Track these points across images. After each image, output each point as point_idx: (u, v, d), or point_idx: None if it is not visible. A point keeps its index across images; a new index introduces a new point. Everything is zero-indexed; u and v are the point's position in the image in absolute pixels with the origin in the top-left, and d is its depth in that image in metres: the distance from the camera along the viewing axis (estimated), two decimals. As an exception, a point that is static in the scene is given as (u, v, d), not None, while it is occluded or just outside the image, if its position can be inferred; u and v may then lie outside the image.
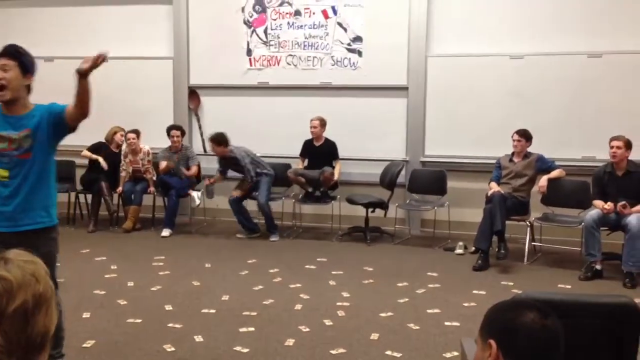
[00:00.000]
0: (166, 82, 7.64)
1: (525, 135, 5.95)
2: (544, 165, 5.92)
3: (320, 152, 6.90)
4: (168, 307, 4.42)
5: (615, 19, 6.40)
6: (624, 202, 5.17)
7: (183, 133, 7.15)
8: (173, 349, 3.68)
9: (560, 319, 2.13)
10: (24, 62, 2.85)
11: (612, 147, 5.33)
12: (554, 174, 5.87)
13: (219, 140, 6.68)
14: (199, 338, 3.84)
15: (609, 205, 5.24)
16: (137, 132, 7.10)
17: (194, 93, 7.65)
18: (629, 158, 5.36)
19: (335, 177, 6.78)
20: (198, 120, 7.66)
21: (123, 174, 7.17)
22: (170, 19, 7.60)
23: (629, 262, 5.07)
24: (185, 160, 7.06)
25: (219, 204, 7.46)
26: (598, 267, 5.25)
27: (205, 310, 4.36)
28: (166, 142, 7.16)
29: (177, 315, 4.27)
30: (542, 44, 6.59)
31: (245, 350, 3.67)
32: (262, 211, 6.67)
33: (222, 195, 7.46)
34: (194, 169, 7.05)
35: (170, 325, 4.07)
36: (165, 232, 6.74)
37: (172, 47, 7.62)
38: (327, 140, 6.93)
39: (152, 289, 4.87)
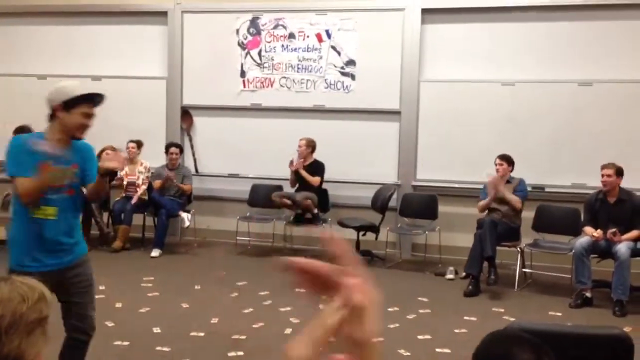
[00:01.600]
0: (159, 102, 7.64)
1: (507, 160, 5.98)
2: (518, 192, 5.92)
3: (307, 172, 6.90)
4: (156, 330, 4.38)
5: (606, 49, 6.49)
6: (614, 230, 5.20)
7: (181, 151, 7.18)
8: (161, 373, 3.63)
9: (552, 350, 2.13)
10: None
11: (602, 176, 5.37)
12: (513, 199, 5.83)
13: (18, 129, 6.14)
14: (187, 362, 3.79)
15: (598, 233, 5.27)
16: (138, 143, 7.11)
17: (186, 113, 7.65)
18: (621, 186, 5.39)
19: (309, 178, 6.78)
20: (190, 140, 7.66)
21: (117, 182, 7.11)
22: (165, 39, 7.63)
23: (619, 290, 5.07)
24: (180, 178, 7.05)
25: (210, 224, 7.44)
26: (588, 294, 5.25)
27: (194, 334, 4.32)
28: (159, 162, 7.16)
29: (166, 338, 4.22)
30: (534, 71, 6.67)
31: (234, 375, 3.63)
32: None
33: (212, 215, 7.45)
34: (187, 186, 7.05)
35: (158, 348, 4.02)
36: (155, 252, 6.69)
37: (166, 67, 7.64)
38: (315, 161, 6.94)
39: (141, 310, 4.82)
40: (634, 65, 6.41)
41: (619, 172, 5.34)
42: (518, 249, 5.96)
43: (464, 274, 5.85)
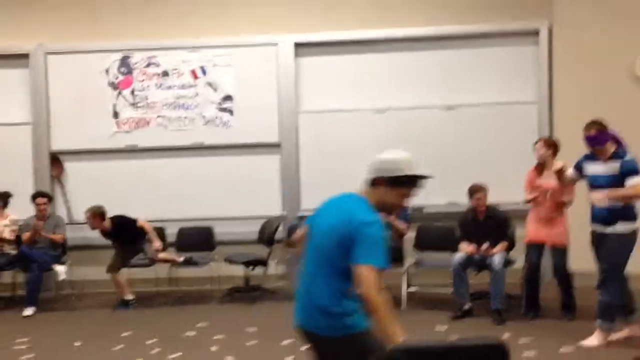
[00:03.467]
0: (25, 149, 7.19)
1: None
2: (401, 217, 6.14)
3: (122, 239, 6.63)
4: (32, 395, 4.03)
5: (466, 75, 6.96)
6: (487, 246, 5.54)
7: (50, 199, 6.74)
8: None
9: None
10: None
11: (477, 199, 5.70)
12: (399, 225, 6.01)
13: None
14: None
15: (471, 248, 5.62)
16: (2, 195, 6.62)
17: (56, 159, 7.25)
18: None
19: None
20: (62, 188, 7.24)
21: None
22: (27, 82, 7.22)
23: (496, 299, 5.38)
24: (52, 228, 6.61)
25: (87, 275, 7.02)
26: (466, 307, 5.51)
27: (76, 394, 4.02)
28: (28, 214, 6.68)
29: (43, 402, 3.89)
30: (403, 98, 7.01)
31: None
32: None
33: (90, 265, 7.04)
34: (58, 235, 6.62)
35: (35, 415, 3.69)
36: (28, 311, 6.19)
37: (30, 111, 7.22)
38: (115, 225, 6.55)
39: (14, 376, 4.43)
40: (491, 89, 6.92)
41: (486, 193, 5.71)
42: (403, 269, 6.14)
43: (354, 299, 5.91)
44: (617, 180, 4.43)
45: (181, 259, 6.54)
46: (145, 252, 6.45)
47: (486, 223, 5.72)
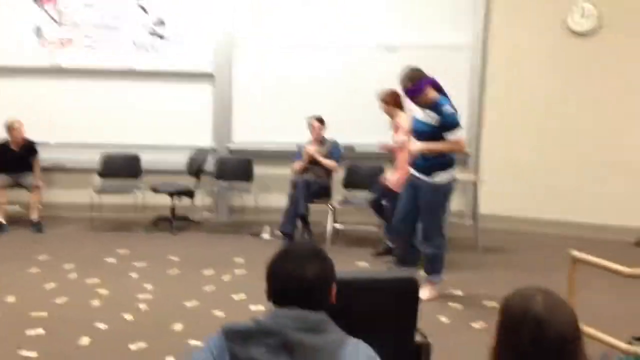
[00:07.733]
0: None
1: (321, 121, 6.21)
2: (333, 155, 6.20)
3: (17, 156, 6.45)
4: (-61, 316, 3.90)
5: (406, 14, 6.88)
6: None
7: None
8: (-57, 361, 3.25)
9: (355, 293, 2.25)
10: None
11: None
12: (329, 164, 6.13)
13: None
14: (-24, 347, 3.44)
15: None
16: None
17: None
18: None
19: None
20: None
21: None
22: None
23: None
24: None
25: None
26: (390, 244, 5.64)
27: (-14, 316, 3.92)
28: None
29: (-50, 323, 3.78)
30: (342, 35, 6.88)
31: (33, 354, 3.39)
32: None
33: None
34: None
35: (-60, 335, 3.59)
36: None
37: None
38: (26, 141, 6.48)
39: None
40: (434, 31, 6.85)
41: None
42: (329, 206, 6.21)
43: (279, 233, 5.97)
44: (436, 132, 4.35)
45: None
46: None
47: None
